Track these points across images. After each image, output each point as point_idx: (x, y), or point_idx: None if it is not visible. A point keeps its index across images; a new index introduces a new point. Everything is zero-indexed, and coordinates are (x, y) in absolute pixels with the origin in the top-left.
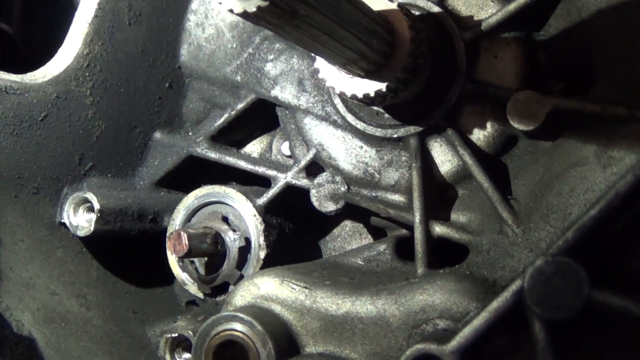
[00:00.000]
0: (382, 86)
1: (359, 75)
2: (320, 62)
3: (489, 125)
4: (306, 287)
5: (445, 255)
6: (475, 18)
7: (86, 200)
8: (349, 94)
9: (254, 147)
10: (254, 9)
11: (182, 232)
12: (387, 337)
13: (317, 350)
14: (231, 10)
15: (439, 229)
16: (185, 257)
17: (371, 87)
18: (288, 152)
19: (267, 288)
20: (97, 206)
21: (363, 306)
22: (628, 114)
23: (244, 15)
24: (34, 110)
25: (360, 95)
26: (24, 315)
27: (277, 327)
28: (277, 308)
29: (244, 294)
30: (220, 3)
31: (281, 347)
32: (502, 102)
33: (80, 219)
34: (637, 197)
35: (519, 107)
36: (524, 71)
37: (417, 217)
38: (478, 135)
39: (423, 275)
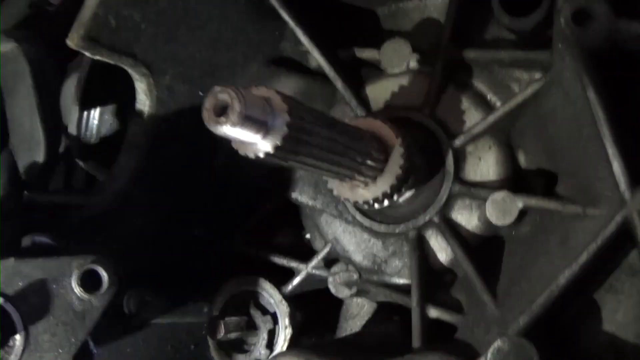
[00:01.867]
0: (379, 194)
1: (358, 186)
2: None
3: (475, 218)
4: None
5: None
6: (461, 127)
7: None
8: (352, 200)
9: (284, 238)
10: (262, 155)
11: (220, 321)
12: None
13: None
14: (246, 155)
15: (433, 312)
16: (222, 340)
17: (370, 194)
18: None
19: None
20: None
21: None
22: (582, 212)
23: (257, 158)
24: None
25: (361, 202)
26: None
27: None
28: None
29: None
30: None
31: None
32: (481, 200)
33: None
34: (576, 288)
35: (496, 206)
36: (505, 172)
37: (414, 302)
38: (467, 227)
39: (417, 353)
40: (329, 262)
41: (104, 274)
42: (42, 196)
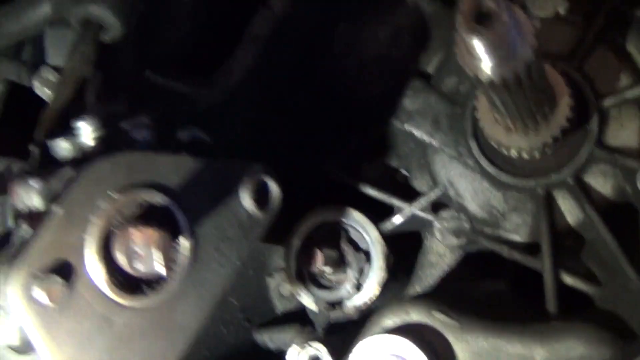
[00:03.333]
0: (539, 144)
1: (516, 132)
2: (482, 105)
3: (609, 185)
4: (454, 319)
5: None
6: (608, 88)
7: None
8: (505, 145)
9: (373, 170)
10: (485, 77)
11: (318, 250)
12: None
13: None
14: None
15: (567, 278)
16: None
17: (528, 142)
18: (403, 182)
19: (417, 316)
20: None
21: (510, 342)
22: None
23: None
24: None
25: (515, 149)
26: None
27: (427, 352)
28: (426, 336)
29: (393, 318)
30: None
31: None
32: (626, 169)
33: None
34: None
35: None
36: None
37: (548, 265)
38: (600, 194)
39: (561, 321)
40: (434, 205)
41: (274, 188)
42: (163, 80)
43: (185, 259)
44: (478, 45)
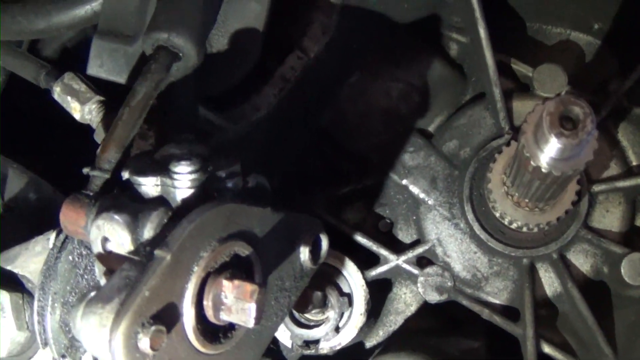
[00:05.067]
0: (544, 222)
1: (524, 208)
2: (495, 176)
3: (588, 264)
4: None
5: None
6: (598, 174)
7: None
8: (511, 219)
9: (353, 214)
10: (545, 169)
11: (311, 293)
12: None
13: None
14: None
15: (545, 347)
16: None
17: (534, 219)
18: (384, 230)
19: None
20: None
21: None
22: None
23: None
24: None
25: (518, 224)
26: None
27: None
28: None
29: None
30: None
31: None
32: (607, 252)
33: None
34: None
35: (633, 266)
36: (625, 227)
37: (530, 332)
38: (578, 270)
39: None
40: (419, 259)
41: (325, 243)
42: (211, 116)
43: None
44: (553, 143)
